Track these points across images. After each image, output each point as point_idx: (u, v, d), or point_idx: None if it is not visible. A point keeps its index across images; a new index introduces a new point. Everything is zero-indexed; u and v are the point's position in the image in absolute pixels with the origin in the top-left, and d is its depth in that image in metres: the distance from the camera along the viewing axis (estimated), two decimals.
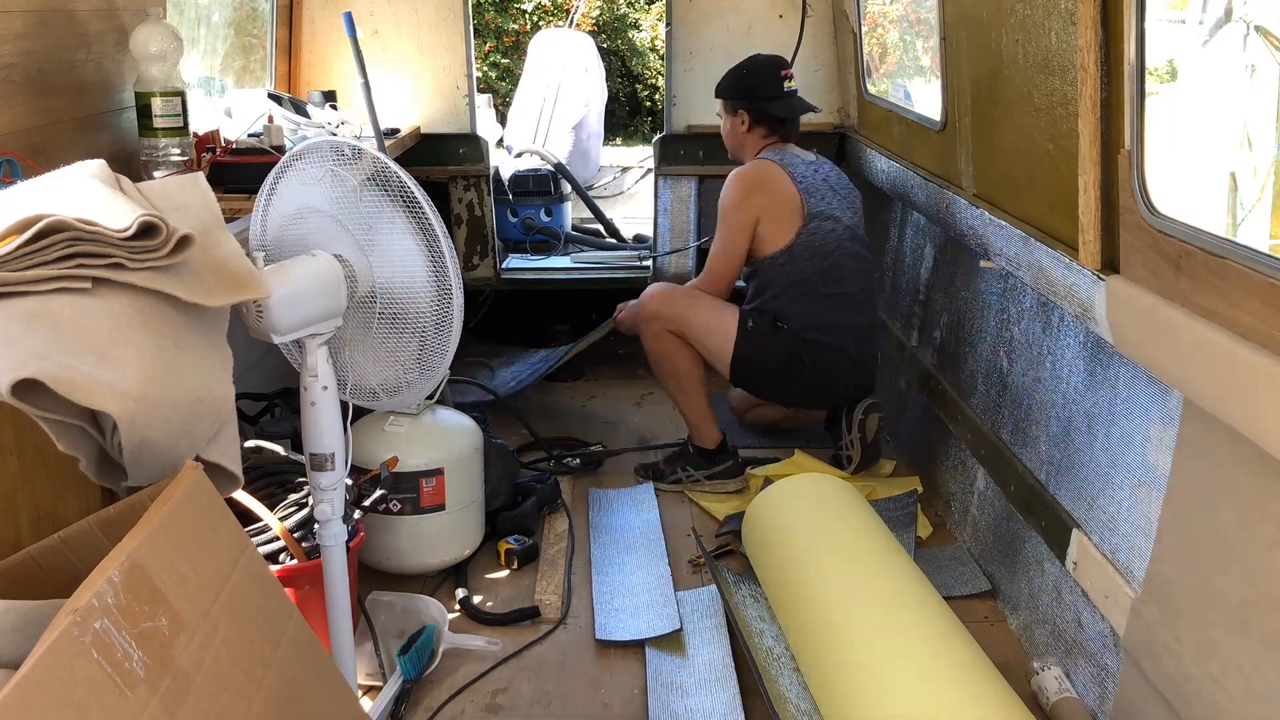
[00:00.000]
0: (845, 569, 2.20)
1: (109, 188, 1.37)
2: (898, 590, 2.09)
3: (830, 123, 4.08)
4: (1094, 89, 1.84)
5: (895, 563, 2.20)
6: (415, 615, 2.37)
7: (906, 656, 1.89)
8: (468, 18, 3.92)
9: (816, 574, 2.22)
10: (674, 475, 3.16)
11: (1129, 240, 1.81)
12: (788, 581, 2.29)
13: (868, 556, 2.23)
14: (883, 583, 2.12)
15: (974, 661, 1.88)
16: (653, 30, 10.34)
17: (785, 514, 2.49)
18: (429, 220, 1.67)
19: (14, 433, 1.52)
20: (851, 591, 2.11)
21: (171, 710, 1.04)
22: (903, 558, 2.24)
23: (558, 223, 4.67)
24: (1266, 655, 1.48)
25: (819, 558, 2.27)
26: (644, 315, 3.13)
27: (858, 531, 2.33)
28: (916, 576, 2.15)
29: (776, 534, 2.45)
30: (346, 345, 1.79)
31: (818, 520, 2.41)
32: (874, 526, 2.36)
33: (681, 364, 3.10)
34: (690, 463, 3.16)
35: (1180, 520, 1.73)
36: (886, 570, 2.17)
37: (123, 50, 2.36)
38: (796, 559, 2.31)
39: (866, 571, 2.18)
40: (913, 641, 1.92)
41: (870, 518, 2.41)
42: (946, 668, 1.85)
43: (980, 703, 1.76)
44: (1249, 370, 1.43)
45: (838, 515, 2.41)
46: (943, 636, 1.93)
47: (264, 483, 2.18)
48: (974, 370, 2.81)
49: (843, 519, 2.39)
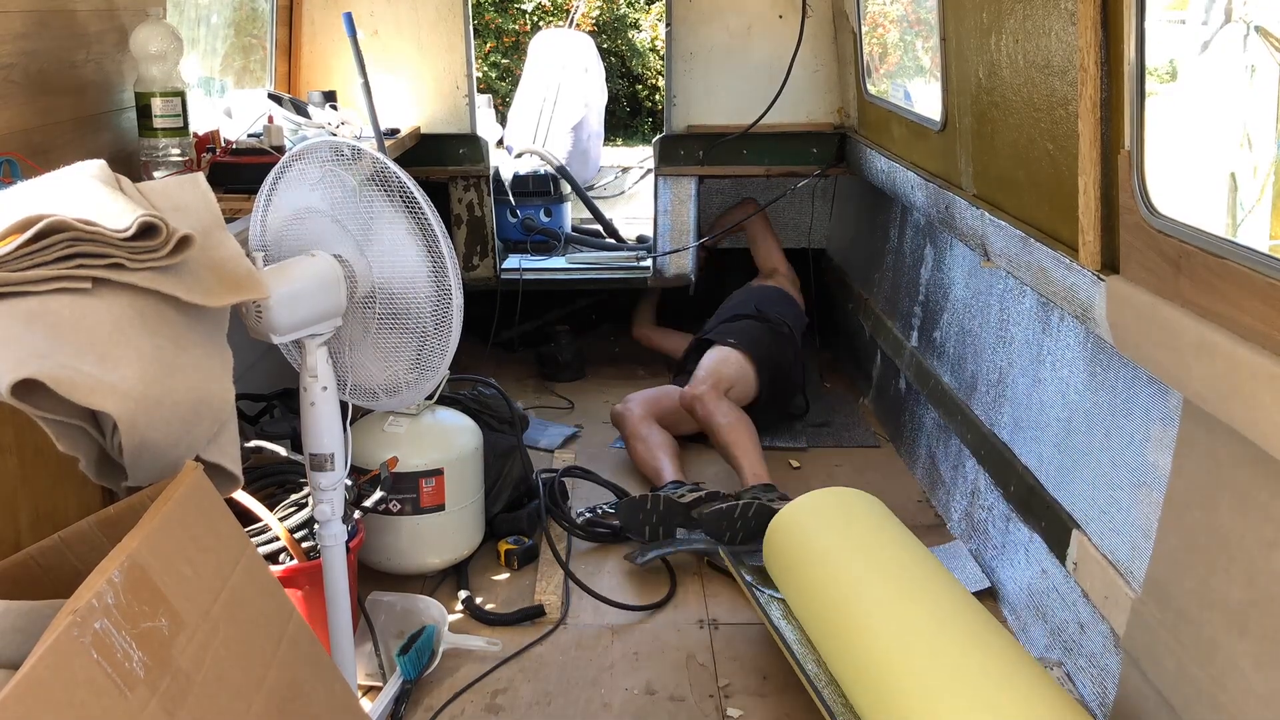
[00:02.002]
0: (888, 591, 2.04)
1: (109, 188, 1.37)
2: (945, 612, 1.93)
3: (830, 123, 4.08)
4: (1094, 89, 1.84)
5: (938, 583, 2.05)
6: (415, 615, 2.37)
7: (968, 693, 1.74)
8: (468, 18, 3.91)
9: (857, 599, 2.06)
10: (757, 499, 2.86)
11: (1129, 240, 1.81)
12: (826, 605, 2.13)
13: (910, 578, 2.08)
14: (929, 604, 1.97)
15: (1037, 686, 1.73)
16: (653, 30, 10.34)
17: (814, 532, 2.31)
18: (429, 221, 1.67)
19: (14, 433, 1.52)
20: (900, 619, 1.95)
21: (171, 710, 1.04)
22: (943, 575, 2.09)
23: (558, 223, 4.67)
24: (1266, 655, 1.48)
25: (860, 583, 2.10)
26: (696, 410, 3.28)
27: (893, 548, 2.18)
28: (960, 595, 2.01)
29: (806, 553, 2.28)
30: (346, 345, 1.79)
31: (851, 539, 2.25)
32: (906, 541, 2.22)
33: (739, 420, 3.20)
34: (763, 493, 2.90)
35: (1180, 520, 1.73)
36: (929, 590, 2.02)
37: (123, 50, 2.36)
38: (833, 581, 2.15)
39: (910, 594, 2.03)
40: (972, 673, 1.77)
41: (901, 531, 2.27)
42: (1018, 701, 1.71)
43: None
44: (1249, 370, 1.43)
45: (869, 530, 2.26)
46: (1013, 668, 1.78)
47: (264, 483, 2.18)
48: (974, 370, 2.81)
49: (874, 534, 2.24)
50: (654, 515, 2.75)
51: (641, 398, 3.40)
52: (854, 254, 4.29)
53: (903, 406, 3.44)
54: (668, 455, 3.14)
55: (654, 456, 3.15)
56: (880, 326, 3.70)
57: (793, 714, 2.15)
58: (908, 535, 2.26)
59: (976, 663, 1.78)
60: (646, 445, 3.20)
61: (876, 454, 3.42)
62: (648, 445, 3.19)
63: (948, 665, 1.79)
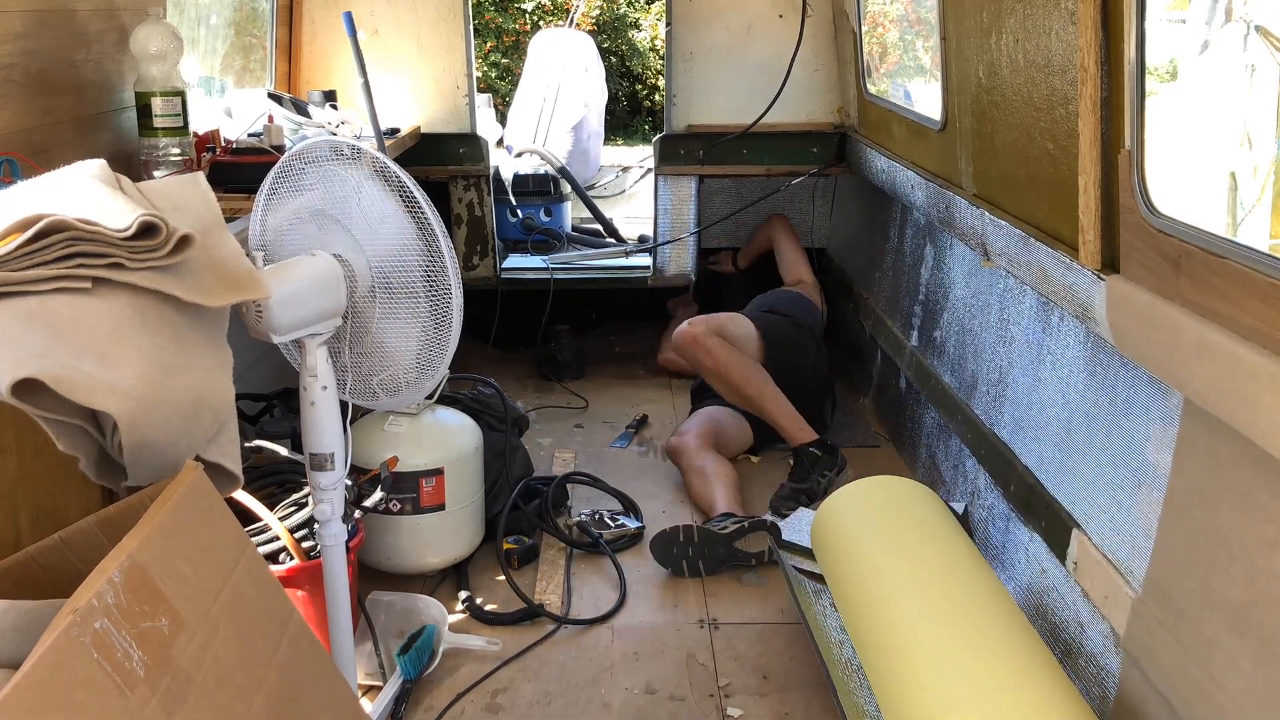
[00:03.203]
0: (923, 587, 2.02)
1: (109, 187, 1.37)
2: (980, 616, 1.91)
3: (830, 123, 4.08)
4: (1094, 89, 1.84)
5: (980, 585, 2.01)
6: (415, 615, 2.37)
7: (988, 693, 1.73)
8: (468, 18, 3.91)
9: (890, 591, 2.04)
10: (823, 485, 2.92)
11: (1129, 240, 1.81)
12: (864, 598, 2.11)
13: (945, 579, 2.04)
14: (965, 606, 1.95)
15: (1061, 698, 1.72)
16: (653, 30, 10.34)
17: (861, 519, 2.29)
18: (429, 220, 1.67)
19: (14, 433, 1.52)
20: (932, 622, 1.93)
21: (171, 710, 1.04)
22: (990, 578, 2.05)
23: (558, 223, 4.67)
24: (1266, 655, 1.48)
25: (895, 575, 2.09)
26: (684, 344, 3.26)
27: (935, 545, 2.14)
28: (1003, 601, 1.98)
29: (852, 543, 2.25)
30: (346, 345, 1.79)
31: (895, 533, 2.22)
32: (953, 537, 2.19)
33: (747, 367, 3.18)
34: (824, 465, 2.99)
35: (1180, 520, 1.73)
36: (968, 593, 1.99)
37: (123, 50, 2.36)
38: (868, 576, 2.13)
39: (943, 596, 2.00)
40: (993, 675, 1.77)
41: (950, 526, 2.24)
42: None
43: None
44: (1249, 370, 1.43)
45: (914, 525, 2.22)
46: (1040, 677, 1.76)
47: (264, 483, 2.18)
48: (974, 370, 2.81)
49: (919, 528, 2.21)
50: (688, 548, 2.63)
51: (698, 427, 3.25)
52: (854, 253, 4.29)
53: (903, 406, 3.44)
54: (724, 486, 2.97)
55: (709, 489, 2.98)
56: (880, 326, 3.70)
57: (793, 714, 2.15)
58: (957, 531, 2.21)
59: (1001, 675, 1.76)
60: (703, 478, 3.03)
61: (876, 454, 3.42)
62: (704, 478, 3.03)
63: (969, 675, 1.77)
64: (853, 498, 2.36)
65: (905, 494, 2.34)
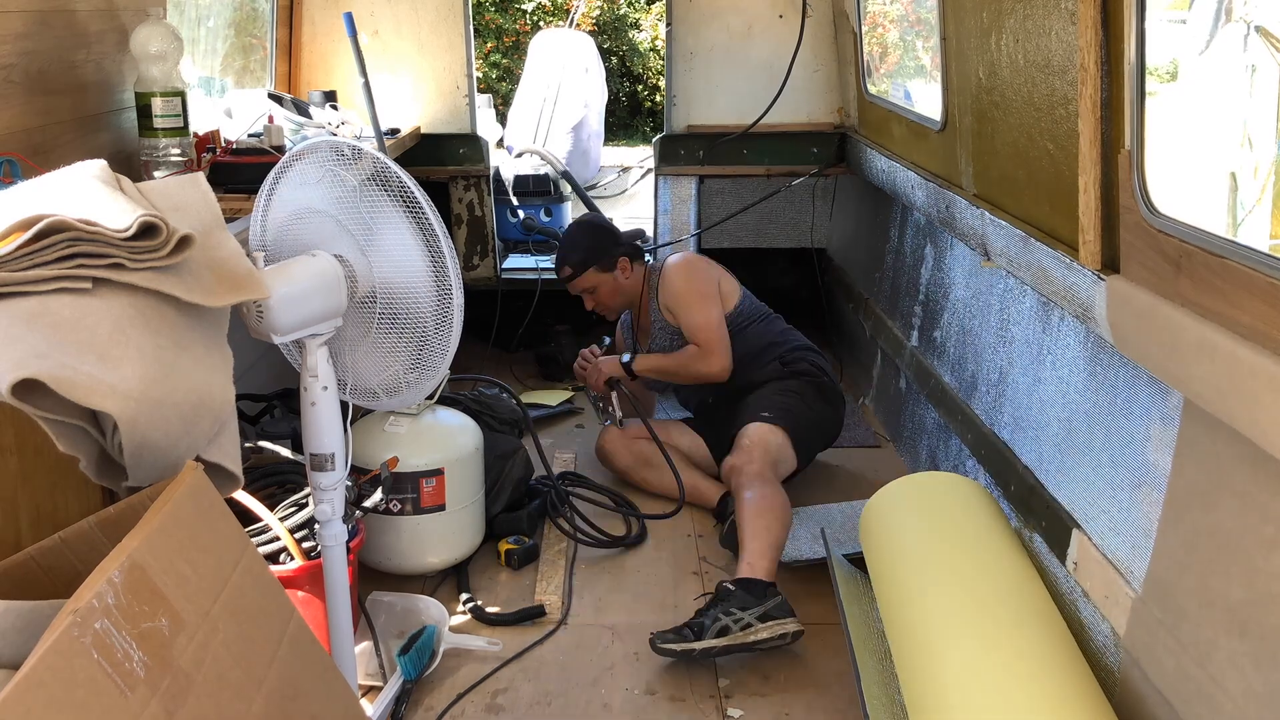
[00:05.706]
0: (964, 595, 2.01)
1: (109, 188, 1.37)
2: (1020, 632, 1.90)
3: (830, 123, 4.08)
4: (1094, 89, 1.84)
5: (1026, 595, 2.00)
6: (415, 615, 2.37)
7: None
8: (468, 18, 3.92)
9: (930, 596, 2.04)
10: (719, 624, 2.27)
11: (1129, 240, 1.81)
12: (903, 598, 2.11)
13: (983, 581, 2.04)
14: (995, 611, 1.94)
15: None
16: (653, 30, 10.34)
17: (913, 515, 2.29)
18: (429, 220, 1.67)
19: (14, 433, 1.52)
20: (960, 623, 1.94)
21: (171, 710, 1.04)
22: (1037, 589, 2.04)
23: (558, 223, 4.67)
24: (1266, 655, 1.48)
25: (938, 579, 2.07)
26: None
27: (986, 548, 2.13)
28: (1048, 615, 1.97)
29: (901, 538, 2.24)
30: (347, 345, 1.79)
31: (943, 532, 2.21)
32: (996, 536, 2.18)
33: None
34: (738, 604, 2.31)
35: (1180, 520, 1.73)
36: (1009, 603, 1.97)
37: (123, 50, 2.36)
38: (909, 574, 2.13)
39: (980, 599, 1.99)
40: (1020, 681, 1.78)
41: (1000, 529, 2.23)
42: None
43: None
44: (1249, 370, 1.43)
45: (968, 527, 2.22)
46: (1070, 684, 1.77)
47: (264, 483, 2.18)
48: (974, 370, 2.81)
49: (971, 531, 2.20)
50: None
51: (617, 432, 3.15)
52: (854, 254, 4.29)
53: (903, 406, 3.44)
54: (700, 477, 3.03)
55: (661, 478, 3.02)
56: (880, 326, 3.70)
57: (793, 714, 2.16)
58: (1005, 530, 2.22)
59: (1033, 688, 1.77)
60: (658, 471, 3.03)
61: (877, 454, 3.42)
62: (657, 470, 3.03)
63: (998, 686, 1.79)
64: (908, 492, 2.40)
65: (960, 492, 2.36)
